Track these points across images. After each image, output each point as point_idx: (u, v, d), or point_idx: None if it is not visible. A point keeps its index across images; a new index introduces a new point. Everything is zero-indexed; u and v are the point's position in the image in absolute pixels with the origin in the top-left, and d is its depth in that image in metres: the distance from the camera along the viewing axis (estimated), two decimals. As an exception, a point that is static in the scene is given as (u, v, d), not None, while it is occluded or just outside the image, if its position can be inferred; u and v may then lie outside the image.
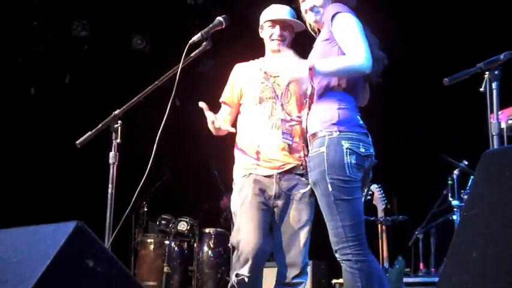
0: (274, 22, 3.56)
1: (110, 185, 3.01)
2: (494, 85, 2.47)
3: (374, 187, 4.89)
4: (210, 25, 3.33)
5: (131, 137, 3.50)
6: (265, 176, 3.41)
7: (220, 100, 3.70)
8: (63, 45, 6.93)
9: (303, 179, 3.38)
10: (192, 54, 3.37)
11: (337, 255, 2.92)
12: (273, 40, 3.55)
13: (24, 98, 6.85)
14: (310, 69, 2.85)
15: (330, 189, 2.88)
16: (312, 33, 3.33)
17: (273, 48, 3.57)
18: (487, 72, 2.49)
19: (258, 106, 3.51)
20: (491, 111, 2.46)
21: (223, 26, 3.30)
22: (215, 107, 3.59)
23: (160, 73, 3.40)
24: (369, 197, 4.89)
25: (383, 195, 4.85)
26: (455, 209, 5.19)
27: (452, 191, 5.30)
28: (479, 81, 2.61)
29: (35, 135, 6.83)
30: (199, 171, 7.16)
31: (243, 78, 3.60)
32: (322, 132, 2.96)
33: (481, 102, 2.65)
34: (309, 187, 3.31)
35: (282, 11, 3.59)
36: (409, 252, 5.68)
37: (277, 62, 3.14)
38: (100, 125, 3.06)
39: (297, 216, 3.37)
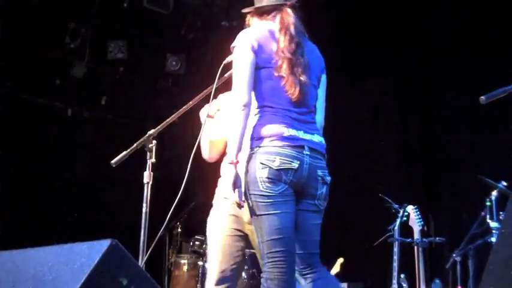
0: None
1: (144, 205, 3.02)
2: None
3: (410, 208, 4.80)
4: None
5: (166, 157, 3.52)
6: None
7: None
8: (99, 67, 7.05)
9: None
10: (226, 75, 3.39)
11: None
12: None
13: (61, 119, 6.96)
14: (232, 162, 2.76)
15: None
16: None
17: None
18: (525, 90, 2.43)
19: None
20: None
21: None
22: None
23: (195, 94, 3.43)
24: (405, 219, 4.81)
25: (419, 216, 4.76)
26: (493, 231, 5.05)
27: (490, 212, 5.17)
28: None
29: (71, 155, 6.93)
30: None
31: None
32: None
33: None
34: None
35: None
36: (447, 275, 5.55)
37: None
38: (135, 144, 3.07)
39: None
